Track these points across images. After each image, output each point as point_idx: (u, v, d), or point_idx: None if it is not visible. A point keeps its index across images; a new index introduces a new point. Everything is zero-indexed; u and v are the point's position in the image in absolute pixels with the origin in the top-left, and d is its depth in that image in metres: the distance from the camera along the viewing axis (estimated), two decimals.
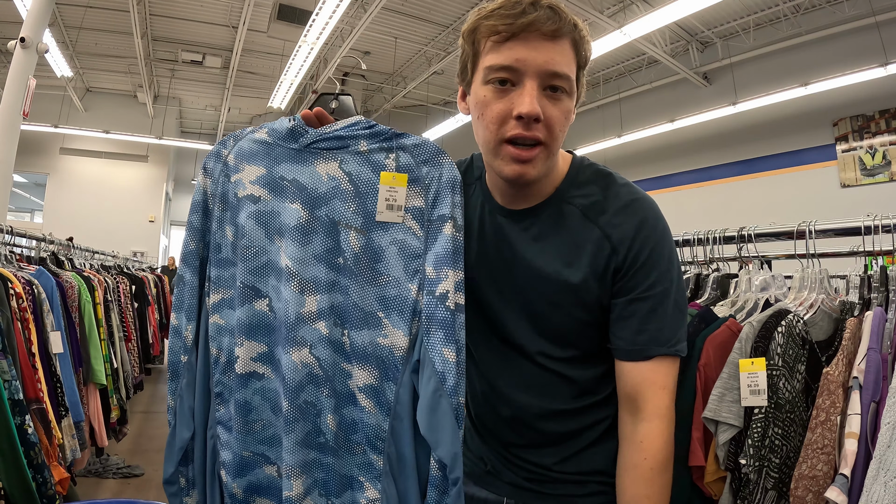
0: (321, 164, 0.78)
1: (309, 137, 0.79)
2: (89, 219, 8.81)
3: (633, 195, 0.77)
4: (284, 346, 0.75)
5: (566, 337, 0.79)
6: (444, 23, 7.07)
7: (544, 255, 0.78)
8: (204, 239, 0.83)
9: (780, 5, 6.12)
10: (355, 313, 0.76)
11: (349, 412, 0.76)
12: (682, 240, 1.36)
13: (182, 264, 0.84)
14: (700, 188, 7.51)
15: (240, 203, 0.80)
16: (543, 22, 0.67)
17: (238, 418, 0.78)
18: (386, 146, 0.78)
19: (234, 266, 0.80)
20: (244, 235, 0.79)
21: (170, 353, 0.84)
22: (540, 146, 0.71)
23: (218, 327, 0.81)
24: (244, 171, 0.81)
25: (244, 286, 0.79)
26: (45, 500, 1.24)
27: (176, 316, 0.83)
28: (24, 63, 3.41)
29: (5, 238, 1.90)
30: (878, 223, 1.01)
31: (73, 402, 1.75)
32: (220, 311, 0.81)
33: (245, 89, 9.06)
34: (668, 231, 0.77)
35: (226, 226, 0.82)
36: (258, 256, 0.79)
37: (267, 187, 0.79)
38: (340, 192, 0.77)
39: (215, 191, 0.83)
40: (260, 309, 0.78)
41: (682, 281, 0.78)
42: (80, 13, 6.58)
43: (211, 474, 0.81)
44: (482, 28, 0.71)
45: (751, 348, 0.93)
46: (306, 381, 0.75)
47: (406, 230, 0.76)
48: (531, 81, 0.69)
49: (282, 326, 0.76)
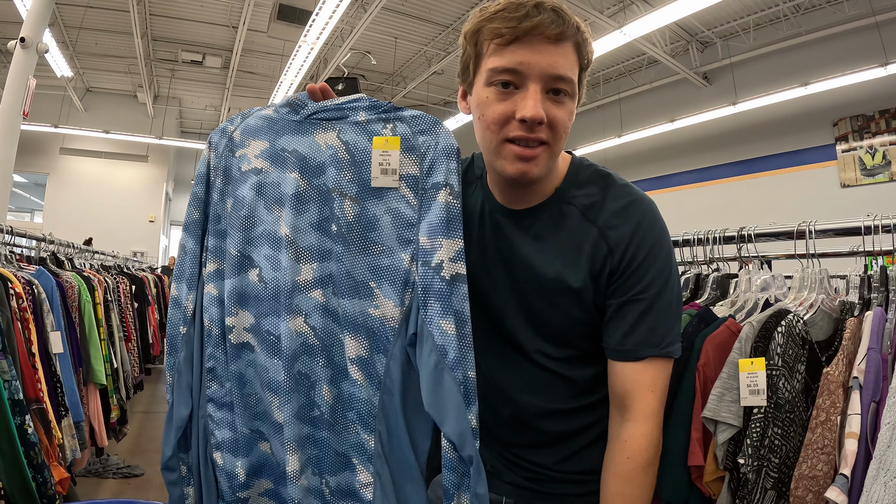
0: (320, 134, 0.79)
1: (309, 109, 0.81)
2: (89, 219, 8.80)
3: (632, 196, 0.77)
4: (281, 314, 0.75)
5: (564, 336, 0.79)
6: (444, 23, 7.07)
7: (544, 255, 0.78)
8: (206, 209, 0.84)
9: (780, 5, 6.12)
10: (347, 282, 0.75)
11: (346, 385, 0.75)
12: (681, 240, 1.36)
13: (185, 233, 0.85)
14: (700, 188, 7.51)
15: (243, 177, 0.82)
16: (547, 26, 0.67)
17: (236, 391, 0.79)
18: (384, 117, 0.79)
19: (228, 237, 0.82)
20: (244, 206, 0.81)
21: (169, 325, 0.84)
22: (543, 146, 0.72)
23: (210, 297, 0.81)
24: (249, 147, 0.83)
25: (238, 255, 0.80)
26: (45, 500, 1.24)
27: (177, 286, 0.83)
28: (24, 63, 3.41)
29: (5, 238, 1.90)
30: (878, 223, 1.01)
31: (73, 402, 1.75)
32: (214, 281, 0.81)
33: (245, 89, 9.06)
34: (666, 232, 0.77)
35: (227, 198, 0.83)
36: (255, 226, 0.80)
37: (269, 160, 0.81)
38: (337, 160, 0.77)
39: (218, 164, 0.84)
40: (251, 279, 0.79)
41: (678, 282, 0.78)
42: (80, 13, 6.58)
43: (204, 459, 0.79)
44: (485, 30, 0.71)
45: (751, 348, 0.93)
46: (301, 351, 0.75)
47: (400, 198, 0.75)
48: (534, 85, 0.69)
49: (277, 296, 0.77)
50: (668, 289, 0.74)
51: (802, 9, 6.04)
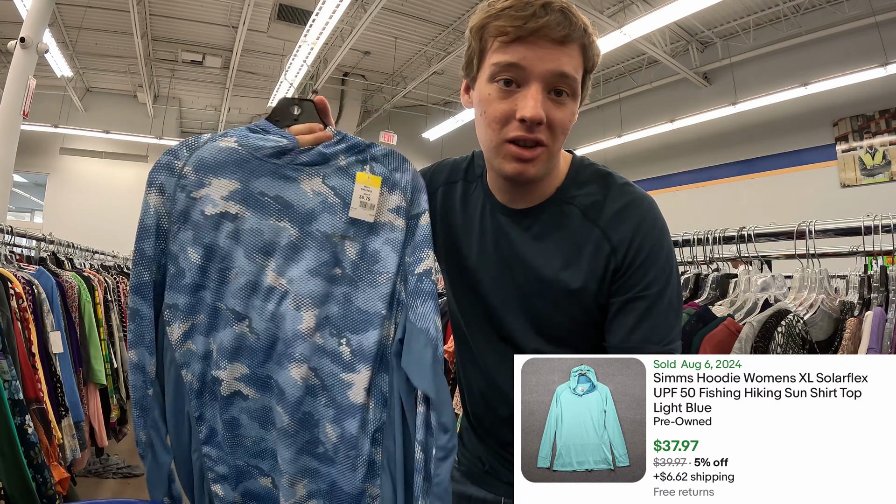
0: (305, 181, 0.78)
1: (291, 155, 0.78)
2: (89, 219, 8.80)
3: (633, 195, 0.77)
4: (282, 364, 0.75)
5: (565, 337, 0.79)
6: (444, 23, 7.07)
7: (544, 255, 0.78)
8: (159, 266, 0.76)
9: (780, 5, 6.12)
10: (360, 318, 0.77)
11: (349, 423, 0.76)
12: (682, 240, 1.36)
13: (136, 297, 0.76)
14: (700, 188, 7.51)
15: (210, 222, 0.75)
16: (553, 27, 0.67)
17: (227, 434, 0.78)
18: (360, 158, 0.80)
19: (203, 290, 0.76)
20: (220, 257, 0.76)
21: (134, 390, 0.77)
22: (542, 147, 0.72)
23: (190, 353, 0.77)
24: (212, 186, 0.75)
25: (226, 309, 0.76)
26: (45, 500, 1.24)
27: (136, 352, 0.76)
28: (24, 63, 3.41)
29: (5, 238, 1.90)
30: (878, 223, 1.01)
31: (73, 402, 1.76)
32: (192, 338, 0.77)
33: (245, 89, 9.06)
34: (666, 231, 0.78)
35: (189, 248, 0.75)
36: (238, 278, 0.76)
37: (244, 203, 0.76)
38: (329, 205, 0.78)
39: (171, 209, 0.75)
40: (240, 332, 0.76)
41: (679, 280, 0.78)
42: (80, 13, 6.58)
43: (200, 490, 0.80)
44: (491, 27, 0.71)
45: (751, 348, 0.93)
46: (305, 394, 0.75)
47: (394, 228, 0.79)
48: (536, 84, 0.69)
49: (272, 346, 0.76)
50: (670, 287, 0.74)
51: (802, 9, 6.04)
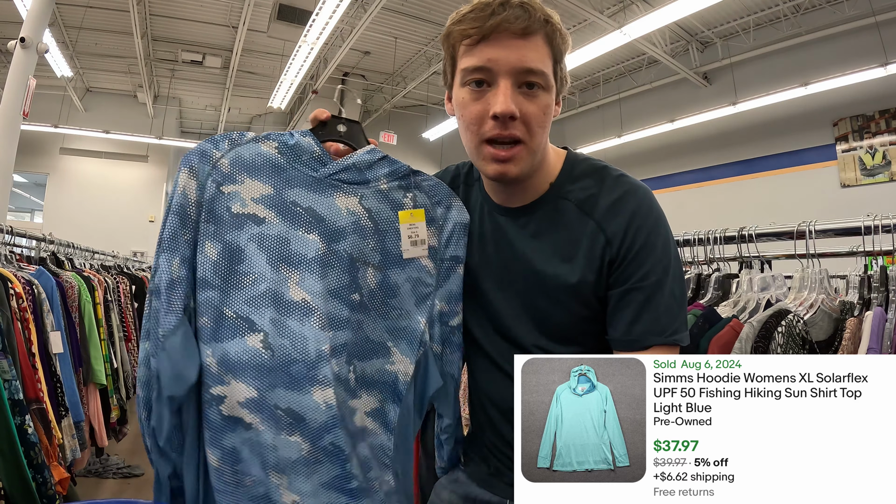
0: (341, 198, 0.76)
1: (331, 168, 0.76)
2: (89, 219, 8.80)
3: (627, 186, 0.77)
4: (303, 386, 0.70)
5: (568, 334, 0.79)
6: (444, 23, 7.04)
7: (542, 252, 0.78)
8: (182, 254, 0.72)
9: (780, 5, 6.12)
10: (367, 346, 0.77)
11: (361, 448, 0.75)
12: (682, 240, 1.36)
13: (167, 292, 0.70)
14: (700, 188, 7.51)
15: (235, 220, 0.72)
16: (512, 21, 0.68)
17: (226, 468, 0.70)
18: (404, 184, 0.80)
19: (213, 289, 0.71)
20: (241, 259, 0.71)
21: (142, 387, 0.71)
22: (520, 144, 0.72)
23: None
24: (244, 185, 0.73)
25: (236, 316, 0.70)
26: (45, 500, 1.24)
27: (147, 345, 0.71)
28: (24, 63, 3.41)
29: (5, 238, 1.90)
30: (878, 223, 1.01)
31: (73, 402, 1.76)
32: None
33: (245, 89, 9.06)
34: (664, 219, 0.76)
35: (208, 241, 0.72)
36: (256, 284, 0.71)
37: (274, 209, 0.73)
38: (360, 227, 0.76)
39: (201, 197, 0.72)
40: (252, 345, 0.69)
41: (680, 269, 0.77)
42: (80, 13, 6.57)
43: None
44: (455, 33, 0.73)
45: (751, 348, 0.93)
46: (332, 422, 0.70)
47: (421, 268, 0.80)
48: (505, 80, 0.70)
49: (288, 366, 0.70)
50: (669, 276, 0.73)
51: (802, 9, 6.04)
